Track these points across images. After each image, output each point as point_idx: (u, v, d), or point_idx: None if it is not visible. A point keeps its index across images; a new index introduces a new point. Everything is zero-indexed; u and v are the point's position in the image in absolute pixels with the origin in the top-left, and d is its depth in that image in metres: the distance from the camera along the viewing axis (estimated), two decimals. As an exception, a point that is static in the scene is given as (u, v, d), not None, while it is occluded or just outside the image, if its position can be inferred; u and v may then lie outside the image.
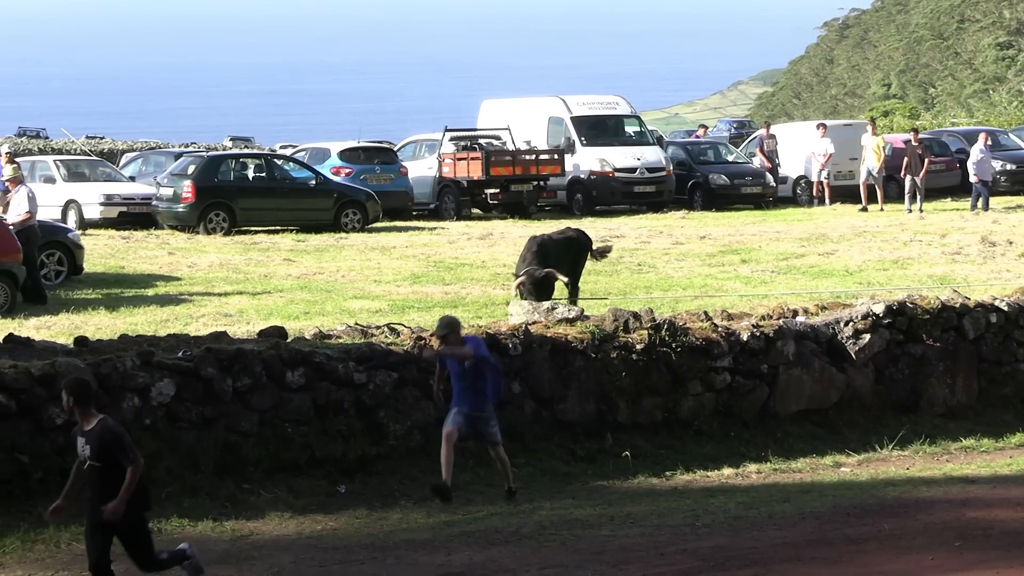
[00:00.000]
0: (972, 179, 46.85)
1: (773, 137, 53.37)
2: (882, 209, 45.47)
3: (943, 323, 19.55)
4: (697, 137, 63.38)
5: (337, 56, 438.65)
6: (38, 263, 28.90)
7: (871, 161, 46.67)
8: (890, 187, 47.07)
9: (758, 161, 53.07)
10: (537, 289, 21.98)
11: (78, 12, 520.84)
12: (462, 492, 15.30)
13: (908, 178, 45.56)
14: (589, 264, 27.10)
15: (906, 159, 45.84)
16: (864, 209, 45.72)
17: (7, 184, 34.87)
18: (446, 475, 14.75)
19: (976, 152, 47.12)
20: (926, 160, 46.33)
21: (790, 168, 52.24)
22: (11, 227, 27.08)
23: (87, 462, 10.95)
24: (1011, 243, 34.64)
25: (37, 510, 13.89)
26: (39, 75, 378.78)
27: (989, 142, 49.01)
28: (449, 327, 14.98)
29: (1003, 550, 12.50)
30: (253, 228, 40.71)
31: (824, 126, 51.40)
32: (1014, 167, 52.31)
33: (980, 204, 45.73)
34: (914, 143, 46.81)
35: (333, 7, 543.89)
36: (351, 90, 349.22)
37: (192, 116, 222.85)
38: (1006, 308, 20.18)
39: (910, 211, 44.57)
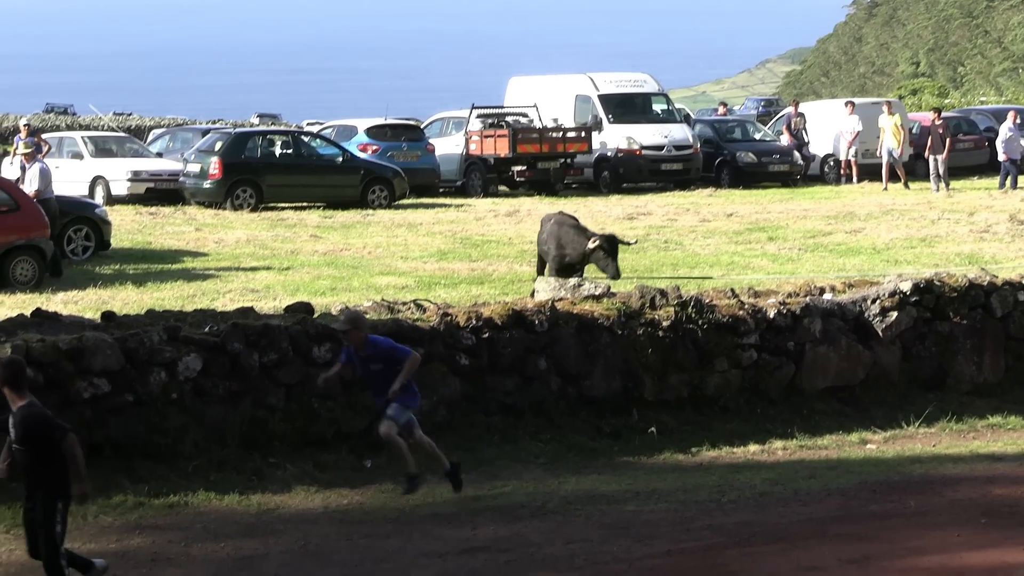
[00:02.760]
0: (1001, 157, 46.77)
1: (802, 115, 53.21)
2: (907, 187, 45.35)
3: (971, 301, 19.52)
4: (718, 115, 63.33)
5: (364, 34, 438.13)
6: (65, 238, 29.14)
7: (890, 142, 46.62)
8: (919, 165, 46.91)
9: (785, 139, 53.04)
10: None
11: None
12: (487, 468, 15.34)
13: (932, 158, 45.52)
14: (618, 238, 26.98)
15: (930, 139, 45.83)
16: (885, 189, 45.74)
17: (23, 158, 35.16)
18: (411, 464, 14.26)
19: (1005, 130, 47.04)
20: (947, 140, 46.25)
21: (818, 146, 52.15)
22: None
23: (14, 444, 10.96)
24: (1039, 222, 34.56)
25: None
26: (67, 52, 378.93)
27: (1018, 120, 48.87)
28: (352, 323, 14.22)
29: (1029, 527, 12.52)
30: (280, 204, 40.73)
31: (852, 104, 51.24)
32: (1037, 146, 52.28)
33: (1008, 183, 45.64)
34: (936, 123, 46.71)
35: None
36: (379, 67, 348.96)
37: (220, 93, 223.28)
38: (1034, 286, 20.16)
39: (937, 190, 44.53)
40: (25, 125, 44.85)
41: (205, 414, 15.10)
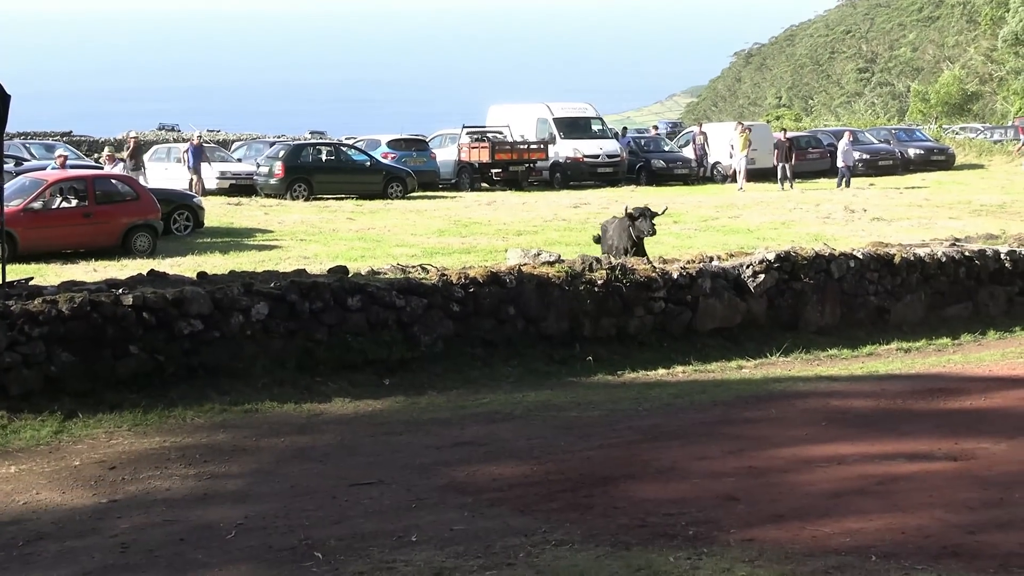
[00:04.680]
0: (839, 164, 47.26)
1: (704, 134, 53.80)
2: (743, 189, 45.71)
3: (816, 267, 19.51)
4: (648, 133, 63.88)
5: (387, 74, 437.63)
6: (171, 219, 29.42)
7: (740, 148, 47.36)
8: (778, 170, 47.11)
9: (690, 151, 53.36)
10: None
11: (204, 39, 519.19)
12: (472, 386, 15.30)
13: (780, 165, 46.23)
14: (567, 223, 26.89)
15: (777, 151, 46.81)
16: (741, 189, 45.98)
17: (106, 159, 37.22)
18: None
19: (842, 145, 47.79)
20: (793, 152, 47.00)
21: (714, 155, 52.73)
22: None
23: None
24: (865, 210, 34.79)
25: (170, 394, 13.94)
26: (175, 86, 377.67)
27: (852, 138, 49.56)
28: None
29: (856, 428, 12.54)
30: (325, 196, 40.80)
31: (742, 124, 51.65)
32: (868, 156, 52.94)
33: (844, 183, 45.99)
34: (784, 140, 47.26)
35: (383, 35, 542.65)
36: (397, 97, 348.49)
37: (284, 116, 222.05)
38: (861, 256, 20.14)
39: (783, 189, 45.09)
40: (133, 137, 45.77)
41: (270, 346, 15.04)
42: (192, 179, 41.32)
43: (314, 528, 9.27)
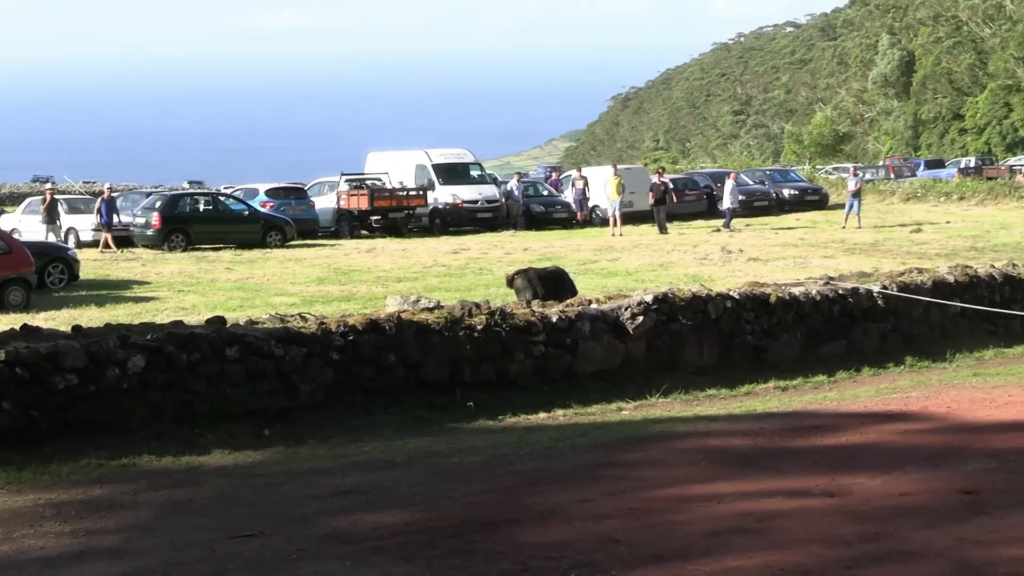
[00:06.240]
0: (726, 206, 47.55)
1: (583, 178, 53.91)
2: (618, 234, 45.05)
3: (694, 308, 19.71)
4: (552, 180, 63.39)
5: (265, 124, 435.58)
6: (46, 272, 29.10)
7: (612, 195, 46.82)
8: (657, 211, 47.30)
9: (569, 194, 53.57)
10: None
11: (79, 88, 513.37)
12: (352, 434, 15.24)
13: (655, 209, 46.00)
14: (447, 269, 26.95)
15: (652, 193, 46.45)
16: (613, 234, 45.32)
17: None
18: None
19: (728, 186, 48.04)
20: (669, 195, 46.91)
21: (593, 199, 52.78)
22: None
23: None
24: (741, 251, 35.23)
25: (45, 450, 13.73)
26: (48, 137, 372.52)
27: (737, 179, 49.92)
28: None
29: (735, 466, 12.67)
30: (203, 246, 40.52)
31: (615, 168, 51.91)
32: (744, 197, 53.38)
33: (730, 224, 46.42)
34: (658, 182, 47.26)
35: (262, 87, 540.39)
36: (275, 147, 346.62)
37: (161, 167, 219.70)
38: (737, 296, 20.40)
39: (661, 232, 44.89)
40: (48, 190, 45.92)
41: (148, 398, 14.89)
42: (106, 236, 40.76)
43: (193, 582, 9.18)
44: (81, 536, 10.67)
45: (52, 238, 39.55)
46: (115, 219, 41.74)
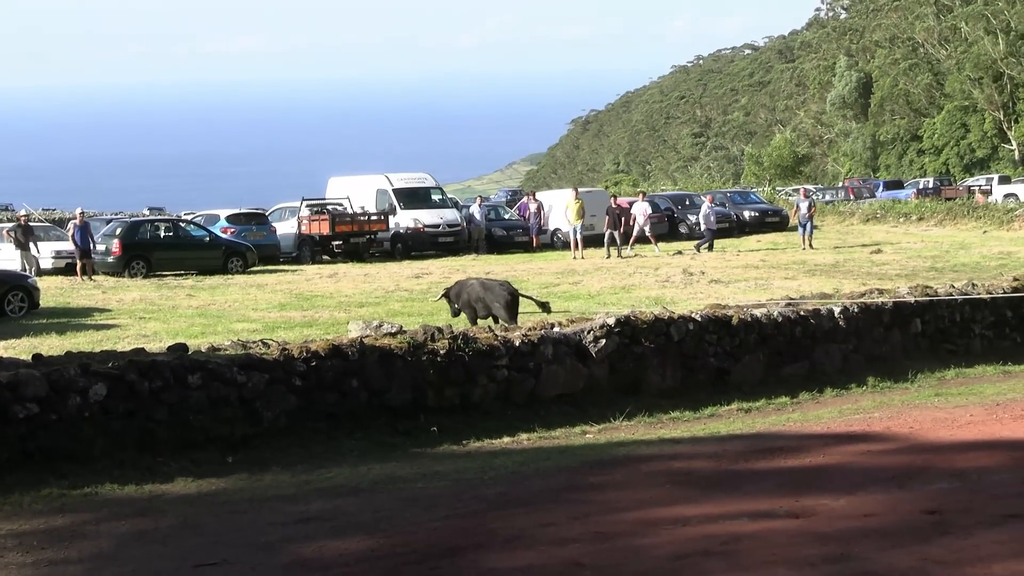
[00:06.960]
0: (702, 228, 47.58)
1: (538, 202, 53.99)
2: (580, 257, 45.12)
3: (656, 330, 19.77)
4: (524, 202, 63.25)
5: (225, 148, 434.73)
6: (5, 301, 28.86)
7: (573, 218, 46.79)
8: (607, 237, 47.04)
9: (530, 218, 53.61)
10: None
11: (33, 117, 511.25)
12: (316, 460, 15.19)
13: (608, 232, 45.94)
14: (409, 293, 26.92)
15: (607, 217, 46.41)
16: (575, 257, 45.34)
17: None
18: None
19: (704, 208, 48.06)
20: (623, 218, 46.91)
21: (553, 222, 52.89)
22: None
23: None
24: (703, 273, 35.33)
25: (6, 480, 13.62)
26: (4, 163, 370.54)
27: (714, 202, 49.91)
28: None
29: (700, 489, 12.69)
30: (164, 273, 40.37)
31: (576, 191, 51.85)
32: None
33: (708, 246, 46.41)
34: (613, 206, 47.32)
35: (220, 112, 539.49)
36: (236, 173, 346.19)
37: (121, 194, 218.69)
38: (699, 319, 20.47)
39: (620, 256, 44.78)
40: (23, 215, 45.34)
41: (110, 427, 14.81)
42: (84, 263, 40.32)
43: (157, 612, 9.13)
44: (43, 567, 10.59)
45: (26, 266, 39.32)
46: (91, 244, 40.93)
